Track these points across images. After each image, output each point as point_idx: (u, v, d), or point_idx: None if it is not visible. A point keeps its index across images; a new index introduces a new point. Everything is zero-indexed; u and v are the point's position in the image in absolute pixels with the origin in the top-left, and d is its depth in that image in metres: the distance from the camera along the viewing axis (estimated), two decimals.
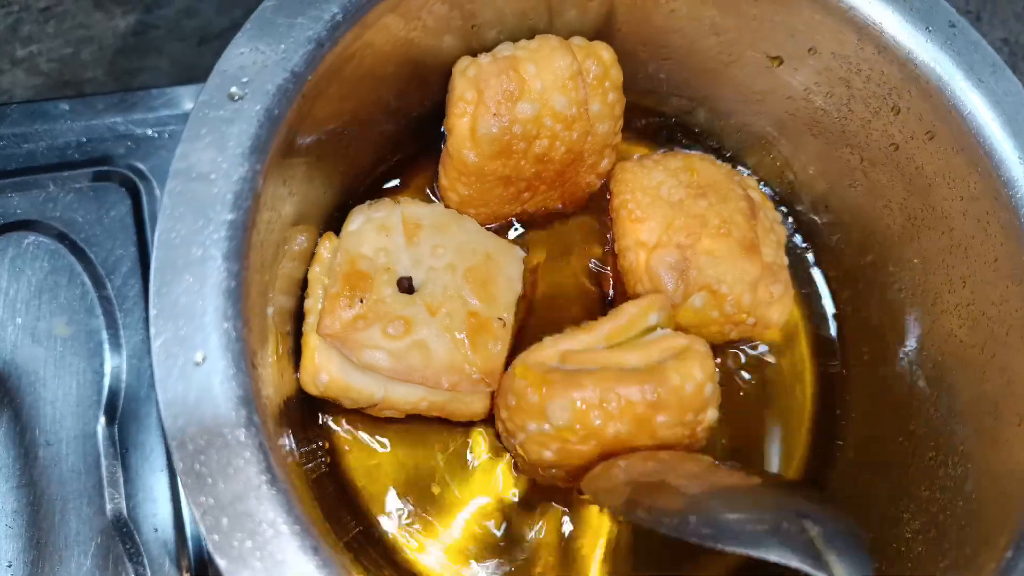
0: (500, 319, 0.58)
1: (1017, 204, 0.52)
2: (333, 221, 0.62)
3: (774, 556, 0.39)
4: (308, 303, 0.58)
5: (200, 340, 0.40)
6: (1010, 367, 0.52)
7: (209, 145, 0.43)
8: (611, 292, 0.68)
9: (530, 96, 0.58)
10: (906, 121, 0.57)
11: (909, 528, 0.55)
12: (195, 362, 0.40)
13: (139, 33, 0.91)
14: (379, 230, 0.58)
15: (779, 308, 0.63)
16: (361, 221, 0.59)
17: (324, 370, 0.55)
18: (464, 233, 0.61)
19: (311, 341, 0.56)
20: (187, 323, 0.40)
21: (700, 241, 0.61)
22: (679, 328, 0.61)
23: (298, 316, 0.58)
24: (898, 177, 0.60)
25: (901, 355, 0.62)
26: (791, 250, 0.71)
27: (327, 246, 0.59)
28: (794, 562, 0.39)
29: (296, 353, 0.57)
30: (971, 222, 0.55)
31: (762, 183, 0.72)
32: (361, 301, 0.55)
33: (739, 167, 0.73)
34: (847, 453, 0.65)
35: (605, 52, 0.61)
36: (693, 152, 0.69)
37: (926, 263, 0.59)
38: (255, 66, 0.45)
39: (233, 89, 0.44)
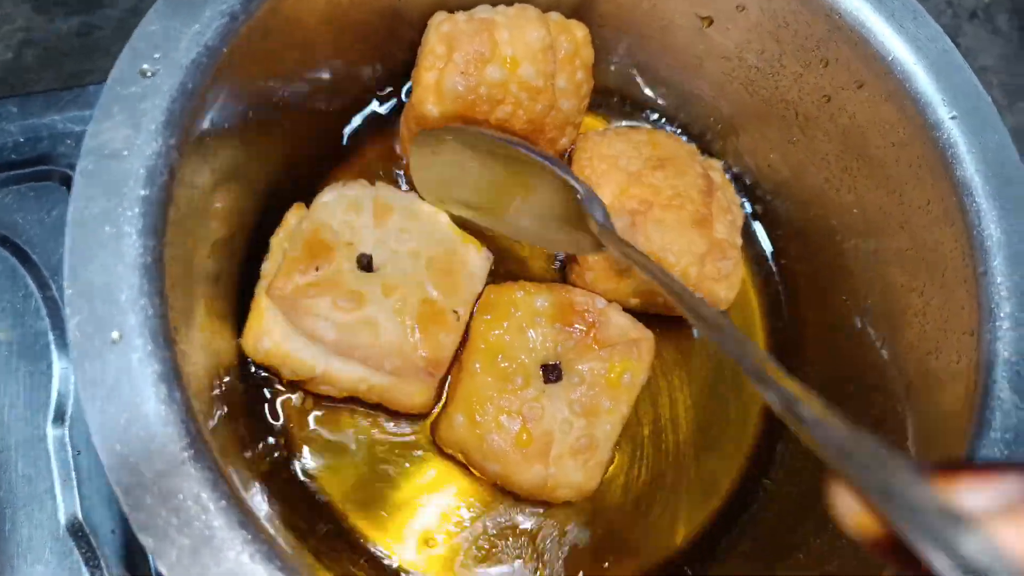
0: (455, 312, 0.57)
1: (944, 146, 0.52)
2: (273, 197, 0.61)
3: None
4: (265, 266, 0.58)
5: (117, 318, 0.39)
6: (947, 307, 0.52)
7: (121, 122, 0.42)
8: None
9: (500, 61, 0.58)
10: (836, 72, 0.57)
11: None
12: (112, 340, 0.39)
13: (83, 34, 0.90)
14: (349, 207, 0.58)
15: (727, 285, 0.63)
16: (333, 196, 0.59)
17: (267, 334, 0.55)
18: (434, 225, 0.60)
19: (260, 303, 0.55)
20: (103, 301, 0.39)
21: (651, 210, 0.61)
22: (628, 297, 0.62)
23: (246, 281, 0.58)
24: (833, 129, 0.60)
25: (848, 305, 0.62)
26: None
27: (295, 214, 0.59)
28: None
29: (240, 319, 0.56)
30: (904, 168, 0.55)
31: (709, 155, 0.72)
32: (317, 269, 0.55)
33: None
34: None
35: (579, 31, 0.61)
36: (660, 129, 0.69)
37: (865, 212, 0.59)
38: (168, 42, 0.45)
39: (145, 66, 0.44)
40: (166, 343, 0.39)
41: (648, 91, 0.72)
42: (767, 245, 0.71)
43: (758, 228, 0.72)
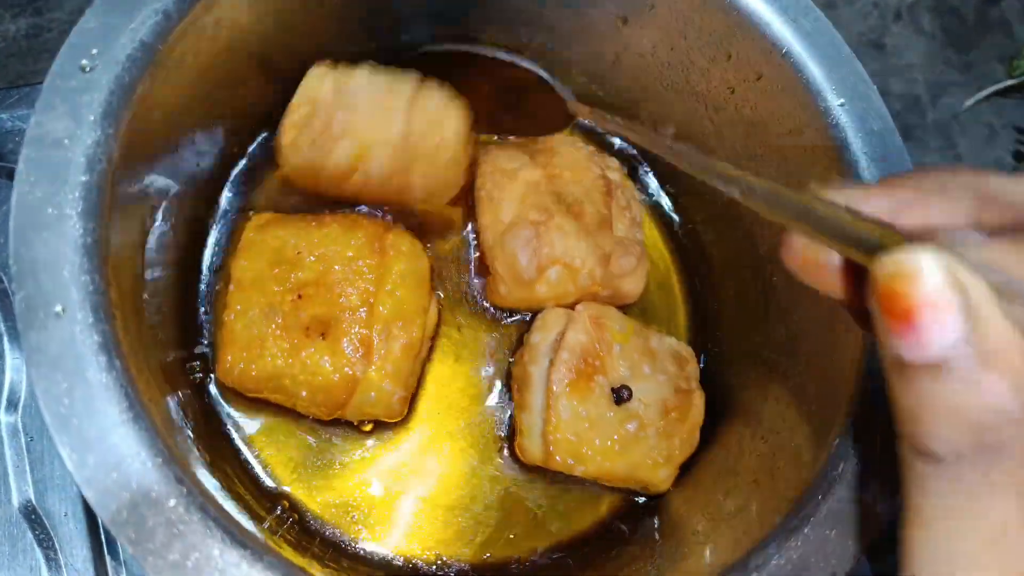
0: None
1: (834, 132, 0.56)
2: (207, 185, 0.65)
3: None
4: None
5: (60, 293, 0.42)
6: None
7: (63, 114, 0.46)
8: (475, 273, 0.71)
9: (353, 143, 0.60)
10: (738, 66, 0.62)
11: (765, 432, 0.60)
12: (56, 313, 0.42)
13: (32, 36, 0.92)
14: None
15: (633, 280, 0.67)
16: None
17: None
18: None
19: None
20: (47, 277, 0.42)
21: (553, 218, 0.64)
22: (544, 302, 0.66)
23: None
24: (738, 119, 0.64)
25: (756, 283, 0.67)
26: (658, 205, 0.77)
27: None
28: None
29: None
30: (800, 153, 0.59)
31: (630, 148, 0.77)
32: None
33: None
34: (718, 381, 0.70)
35: (453, 122, 0.62)
36: (556, 135, 0.71)
37: None
38: (105, 39, 0.48)
39: (84, 61, 0.47)
40: (106, 316, 0.43)
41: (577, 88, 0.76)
42: (684, 232, 0.76)
43: (676, 217, 0.76)
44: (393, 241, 0.62)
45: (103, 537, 0.64)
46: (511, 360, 0.68)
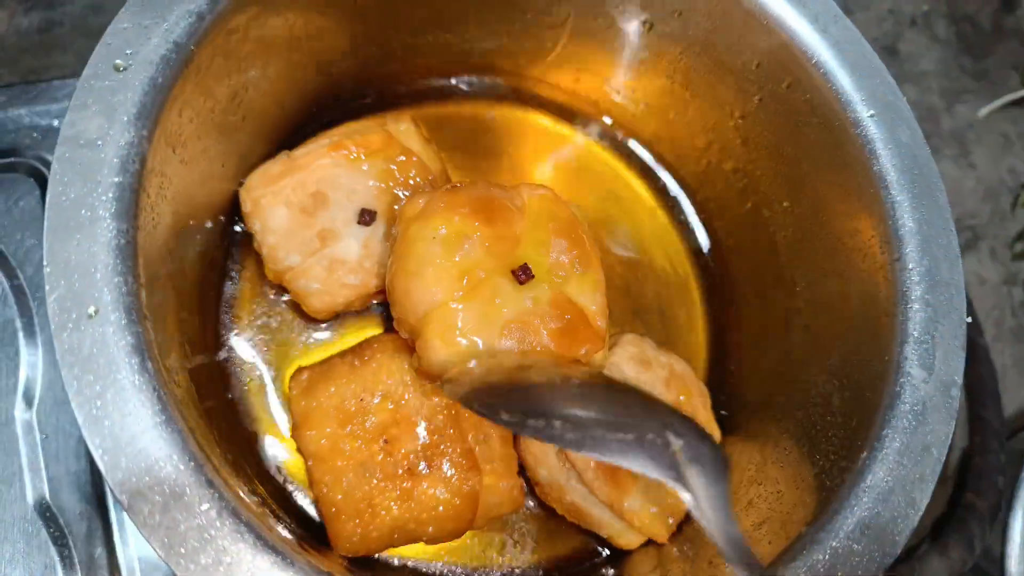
0: None
1: (863, 141, 0.56)
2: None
3: (636, 466, 0.41)
4: None
5: (93, 294, 0.42)
6: (866, 292, 0.56)
7: (96, 113, 0.45)
8: None
9: None
10: (767, 74, 0.61)
11: (788, 443, 0.60)
12: (88, 314, 0.42)
13: (44, 31, 0.91)
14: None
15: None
16: None
17: None
18: None
19: None
20: (80, 279, 0.42)
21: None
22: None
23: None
24: (766, 126, 0.64)
25: (779, 292, 0.67)
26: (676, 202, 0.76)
27: None
28: (655, 474, 0.41)
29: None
30: (827, 162, 0.59)
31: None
32: None
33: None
34: (743, 394, 0.70)
35: None
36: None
37: (794, 204, 0.64)
38: (139, 39, 0.48)
39: (117, 61, 0.47)
40: (138, 318, 0.42)
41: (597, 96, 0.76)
42: (704, 240, 0.76)
43: (695, 223, 0.76)
44: None
45: (116, 535, 0.64)
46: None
